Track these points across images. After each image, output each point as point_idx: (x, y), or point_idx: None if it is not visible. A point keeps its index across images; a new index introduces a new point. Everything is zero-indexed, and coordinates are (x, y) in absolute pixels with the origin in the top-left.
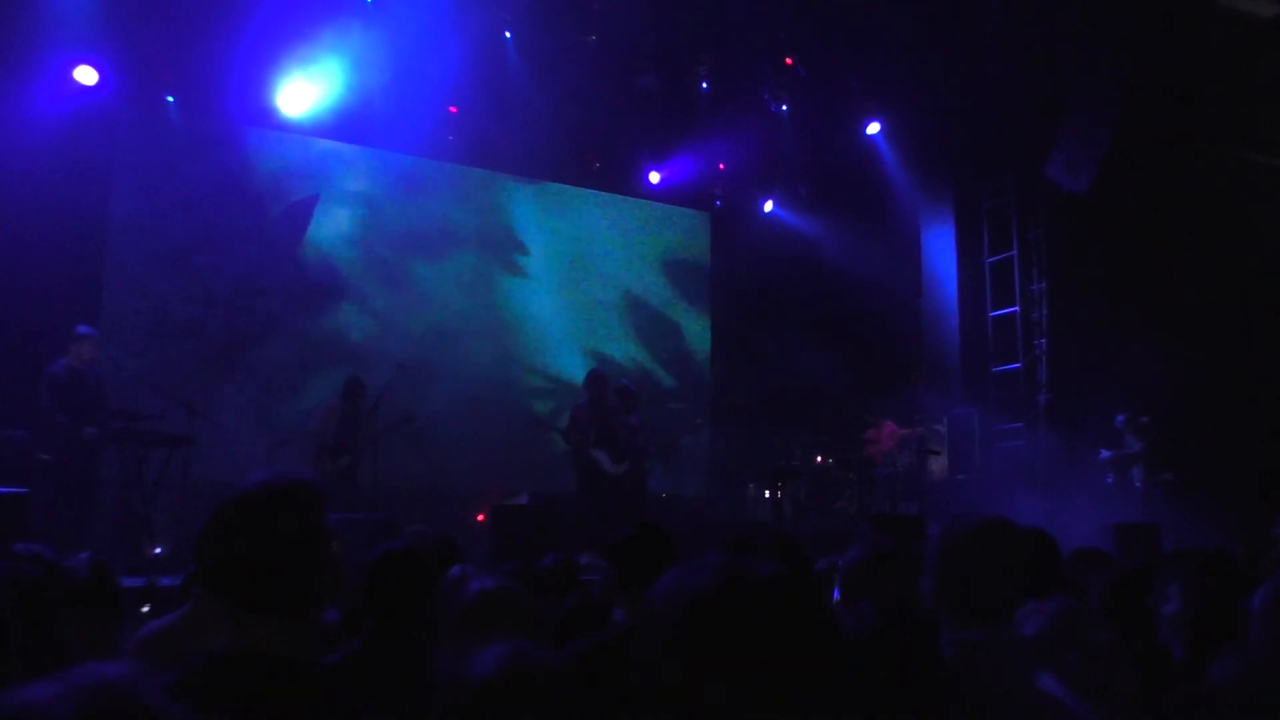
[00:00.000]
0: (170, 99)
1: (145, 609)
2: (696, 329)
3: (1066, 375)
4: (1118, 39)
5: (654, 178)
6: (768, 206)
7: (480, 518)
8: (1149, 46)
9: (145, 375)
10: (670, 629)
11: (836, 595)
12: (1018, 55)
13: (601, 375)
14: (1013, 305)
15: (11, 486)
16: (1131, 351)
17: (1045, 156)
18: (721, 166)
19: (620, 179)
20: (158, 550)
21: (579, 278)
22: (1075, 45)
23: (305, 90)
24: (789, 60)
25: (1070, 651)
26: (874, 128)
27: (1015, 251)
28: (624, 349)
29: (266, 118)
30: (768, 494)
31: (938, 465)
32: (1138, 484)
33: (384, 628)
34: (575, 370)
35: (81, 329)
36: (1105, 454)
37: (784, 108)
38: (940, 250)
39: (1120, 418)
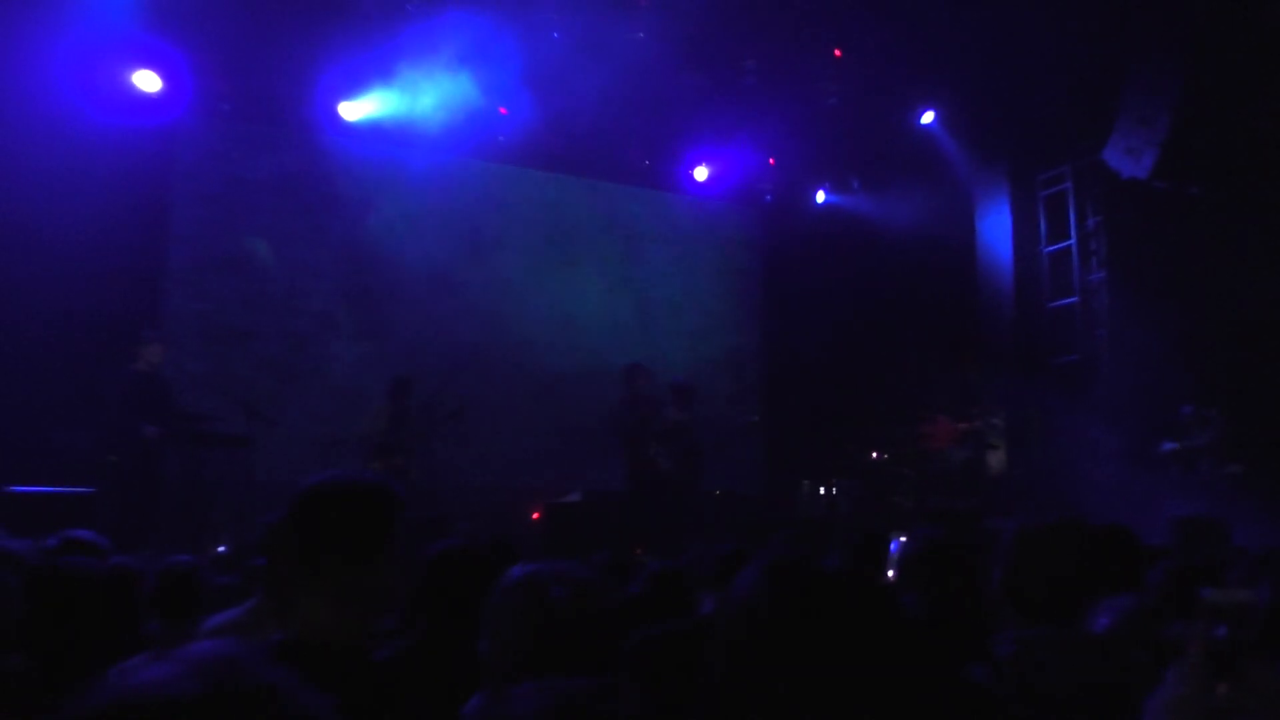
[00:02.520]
0: (227, 105)
1: None
2: (748, 324)
3: (1128, 367)
4: (1177, 16)
5: (703, 174)
6: (819, 197)
7: (535, 515)
8: (1210, 25)
9: (204, 377)
10: (734, 624)
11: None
12: (1072, 36)
13: (638, 367)
14: (1071, 296)
15: (79, 486)
16: (1196, 341)
17: (1103, 141)
18: (772, 161)
19: (670, 176)
20: (220, 549)
21: (630, 275)
22: (1133, 24)
23: (364, 99)
24: (838, 52)
25: (1140, 650)
26: (928, 117)
27: (1074, 240)
28: (676, 345)
29: (320, 122)
30: (822, 490)
31: (995, 459)
32: (1204, 477)
33: (439, 625)
34: None
35: (148, 333)
36: (1169, 446)
37: (833, 100)
38: (996, 240)
39: (1187, 409)
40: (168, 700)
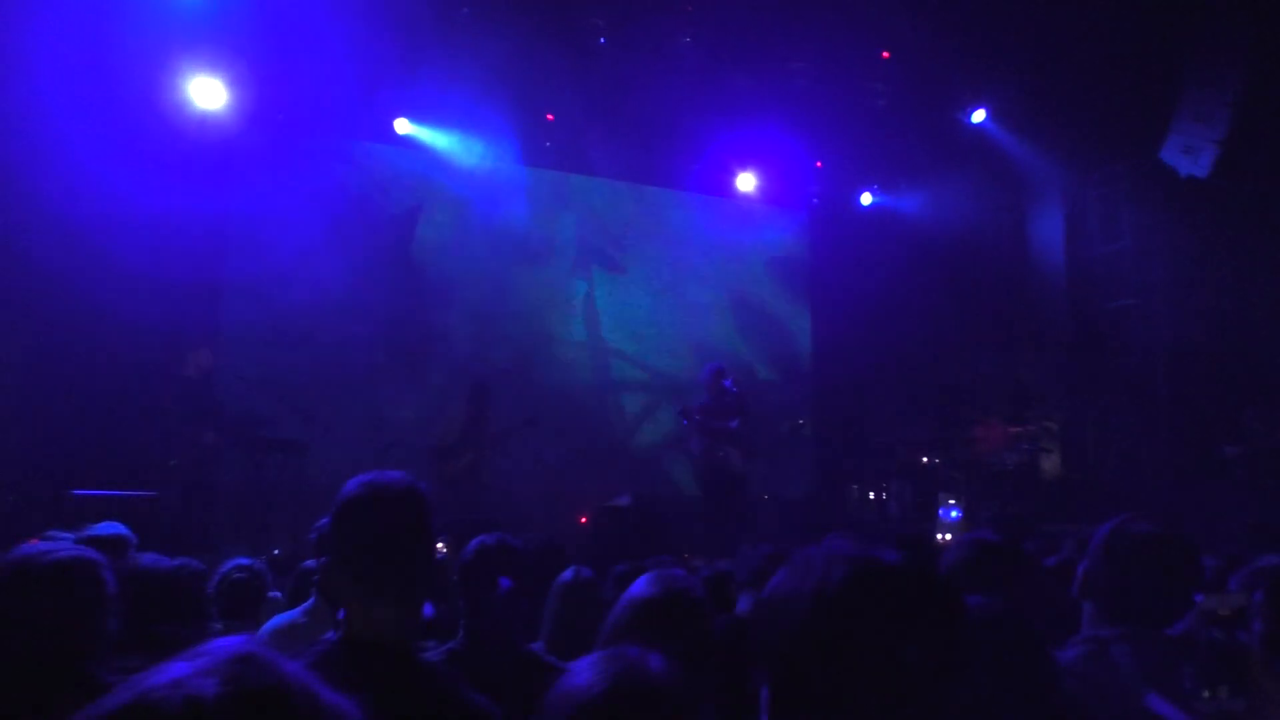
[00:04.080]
0: (283, 117)
1: None
2: (797, 328)
3: (1187, 369)
4: (1236, 11)
5: (750, 181)
6: (866, 199)
7: (583, 520)
8: (1270, 19)
9: (262, 384)
10: (803, 617)
11: None
12: (1127, 32)
13: (718, 369)
14: (1128, 297)
15: (141, 490)
16: (1258, 343)
17: (1160, 139)
18: (819, 164)
19: (717, 180)
20: (276, 551)
21: (679, 280)
22: (1190, 19)
23: (417, 111)
24: (885, 54)
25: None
26: (979, 115)
27: (1129, 241)
28: (725, 350)
29: (375, 133)
30: (872, 495)
31: (1049, 464)
32: (1266, 482)
33: (480, 619)
34: (676, 372)
35: (197, 339)
36: (1231, 450)
37: (881, 102)
38: (1049, 241)
39: (1251, 412)
40: (185, 700)
